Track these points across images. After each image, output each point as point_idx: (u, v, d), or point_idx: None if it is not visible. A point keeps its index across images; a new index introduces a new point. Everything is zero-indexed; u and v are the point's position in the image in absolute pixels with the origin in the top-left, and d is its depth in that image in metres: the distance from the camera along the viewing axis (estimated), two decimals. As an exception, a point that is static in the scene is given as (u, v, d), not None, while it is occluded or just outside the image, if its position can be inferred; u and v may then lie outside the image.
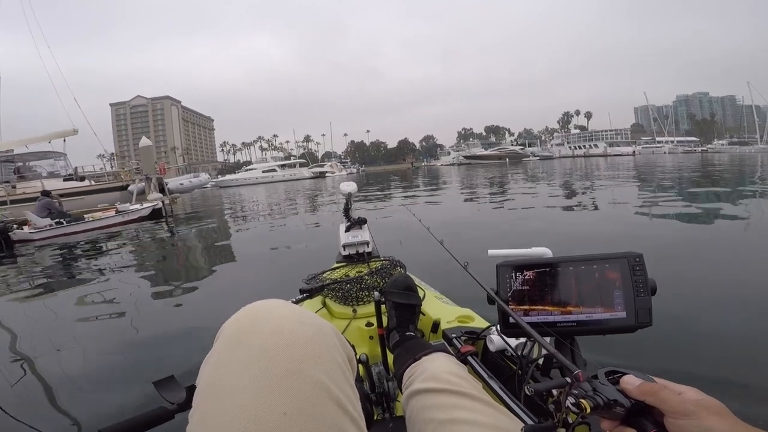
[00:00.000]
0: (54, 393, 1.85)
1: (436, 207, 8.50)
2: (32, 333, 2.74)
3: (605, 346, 1.03)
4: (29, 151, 13.56)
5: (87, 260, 5.48)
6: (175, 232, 8.00)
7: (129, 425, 0.59)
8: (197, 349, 0.53)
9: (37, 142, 13.51)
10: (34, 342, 2.56)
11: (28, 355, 2.35)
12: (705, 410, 0.37)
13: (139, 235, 7.63)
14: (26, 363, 2.24)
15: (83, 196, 11.62)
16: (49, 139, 13.31)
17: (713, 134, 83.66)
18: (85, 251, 6.30)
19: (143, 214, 9.82)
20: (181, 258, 5.30)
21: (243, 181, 47.39)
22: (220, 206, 14.39)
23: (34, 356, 2.31)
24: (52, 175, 13.23)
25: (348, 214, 2.00)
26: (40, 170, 13.61)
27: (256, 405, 0.38)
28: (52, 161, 13.84)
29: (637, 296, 0.64)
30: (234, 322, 0.47)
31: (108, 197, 11.59)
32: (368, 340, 1.30)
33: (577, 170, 19.10)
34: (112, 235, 7.71)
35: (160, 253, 5.81)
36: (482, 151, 62.45)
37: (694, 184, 9.55)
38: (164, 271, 4.62)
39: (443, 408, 0.65)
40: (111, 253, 5.98)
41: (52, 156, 13.76)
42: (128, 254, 5.67)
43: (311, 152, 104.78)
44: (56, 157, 13.82)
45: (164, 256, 5.57)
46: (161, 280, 4.07)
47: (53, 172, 13.54)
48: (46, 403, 1.77)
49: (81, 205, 10.89)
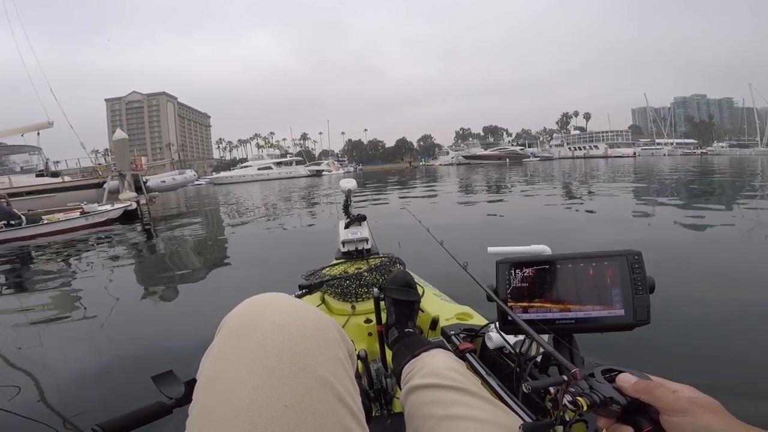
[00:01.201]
0: (52, 388, 1.86)
1: (435, 206, 8.52)
2: (29, 330, 2.75)
3: (603, 343, 1.04)
4: (3, 145, 12.73)
5: (71, 259, 5.44)
6: (154, 234, 7.44)
7: (127, 420, 0.59)
8: (196, 344, 0.53)
9: (9, 135, 12.66)
10: (31, 338, 2.58)
11: (24, 352, 2.35)
12: (700, 408, 0.38)
13: (108, 237, 7.06)
14: (23, 359, 2.24)
15: (53, 193, 10.65)
16: (21, 132, 12.53)
17: (711, 136, 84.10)
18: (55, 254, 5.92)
19: (112, 216, 8.82)
20: (175, 257, 5.28)
21: (238, 179, 47.22)
22: (211, 205, 14.30)
23: (31, 352, 2.32)
24: (24, 171, 12.36)
25: (347, 210, 2.01)
26: (12, 165, 12.60)
27: (257, 398, 0.38)
28: (27, 156, 12.91)
29: (636, 294, 0.65)
30: (235, 315, 0.47)
31: (83, 195, 10.60)
32: (367, 337, 1.32)
33: (579, 172, 19.09)
34: (75, 241, 6.93)
35: (142, 253, 5.72)
36: (482, 151, 62.27)
37: (696, 185, 9.59)
38: (162, 270, 4.61)
39: (442, 404, 0.66)
40: (91, 255, 5.72)
41: (26, 150, 12.88)
42: (120, 252, 5.64)
43: (308, 150, 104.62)
44: (31, 151, 12.92)
45: (147, 256, 5.51)
46: (160, 279, 4.07)
47: (25, 167, 12.58)
48: (44, 398, 1.77)
49: (50, 204, 9.83)
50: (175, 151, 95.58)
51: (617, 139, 67.90)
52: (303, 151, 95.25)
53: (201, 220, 9.47)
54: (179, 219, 9.48)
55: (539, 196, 8.92)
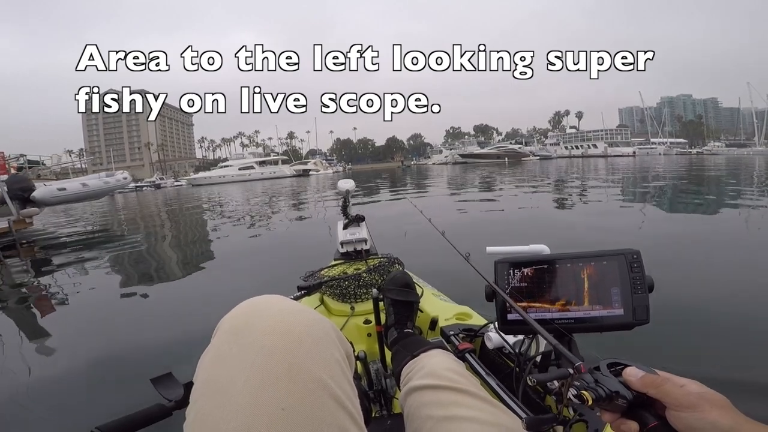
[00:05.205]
0: (50, 391, 1.85)
1: (432, 206, 8.52)
2: (28, 331, 2.75)
3: (602, 343, 1.07)
4: None
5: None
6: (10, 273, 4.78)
7: (126, 422, 0.59)
8: (195, 346, 0.54)
9: None
10: (28, 339, 2.57)
11: (23, 353, 2.35)
12: (708, 403, 0.38)
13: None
14: (20, 361, 2.23)
15: None
16: None
17: (701, 136, 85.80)
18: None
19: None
20: (174, 258, 5.19)
21: (217, 180, 46.31)
22: (193, 208, 14.09)
23: (29, 354, 2.32)
24: None
25: (346, 211, 2.05)
26: None
27: (254, 400, 0.39)
28: None
29: (635, 293, 0.66)
30: (232, 317, 0.48)
31: None
32: (366, 338, 1.34)
33: (583, 171, 18.99)
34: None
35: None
36: (479, 150, 61.52)
37: (701, 184, 9.73)
38: (160, 269, 4.57)
39: (442, 405, 0.67)
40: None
41: None
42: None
43: (295, 149, 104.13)
44: None
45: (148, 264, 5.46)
46: (159, 280, 4.04)
47: None
48: (42, 401, 1.76)
49: None
50: (154, 150, 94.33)
51: (616, 137, 68.42)
52: (289, 150, 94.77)
53: (165, 229, 8.69)
54: (83, 249, 6.06)
55: (539, 196, 9.00)
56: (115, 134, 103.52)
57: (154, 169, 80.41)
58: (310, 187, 21.49)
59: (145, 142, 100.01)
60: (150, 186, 49.79)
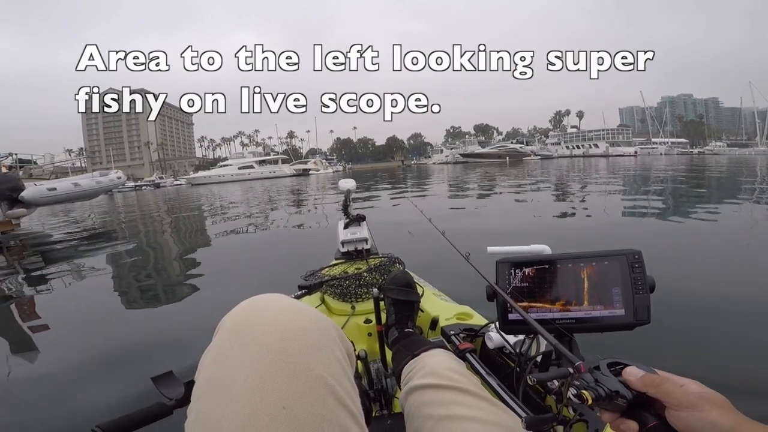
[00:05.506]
0: (51, 389, 1.86)
1: (432, 206, 8.53)
2: (27, 331, 2.74)
3: (602, 343, 1.07)
4: None
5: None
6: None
7: (127, 421, 0.59)
8: (196, 345, 0.54)
9: None
10: (28, 339, 2.57)
11: (21, 354, 2.36)
12: (708, 403, 0.38)
13: None
14: (22, 359, 2.25)
15: None
16: None
17: (702, 136, 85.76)
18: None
19: None
20: (174, 258, 5.21)
21: (216, 179, 46.22)
22: (190, 207, 14.10)
23: (29, 354, 2.32)
24: None
25: (347, 210, 2.05)
26: None
27: (255, 399, 0.39)
28: None
29: (636, 294, 0.66)
30: (233, 316, 0.48)
31: None
32: (367, 337, 1.34)
33: (584, 171, 19.02)
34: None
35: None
36: (480, 149, 61.72)
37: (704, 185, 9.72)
38: (160, 270, 4.58)
39: (442, 404, 0.67)
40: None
41: None
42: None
43: (295, 149, 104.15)
44: None
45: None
46: (159, 280, 4.05)
47: None
48: (43, 399, 1.77)
49: None
50: (154, 150, 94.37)
51: (617, 137, 68.41)
52: (289, 149, 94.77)
53: (169, 227, 8.93)
54: (83, 249, 5.97)
55: (540, 195, 9.00)
56: (114, 134, 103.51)
57: (154, 169, 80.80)
58: (310, 186, 21.48)
59: (145, 141, 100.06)
60: (150, 185, 49.93)
